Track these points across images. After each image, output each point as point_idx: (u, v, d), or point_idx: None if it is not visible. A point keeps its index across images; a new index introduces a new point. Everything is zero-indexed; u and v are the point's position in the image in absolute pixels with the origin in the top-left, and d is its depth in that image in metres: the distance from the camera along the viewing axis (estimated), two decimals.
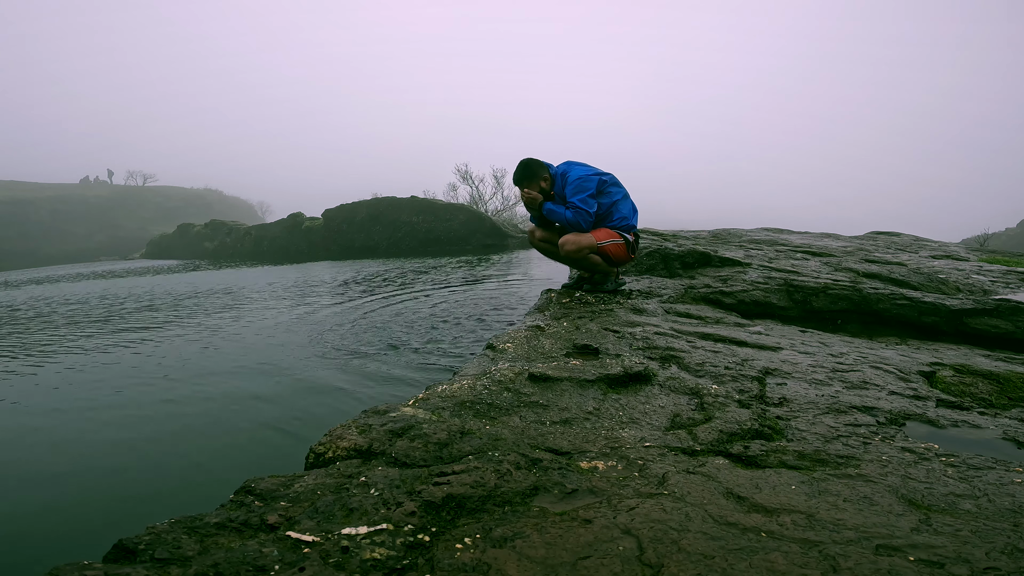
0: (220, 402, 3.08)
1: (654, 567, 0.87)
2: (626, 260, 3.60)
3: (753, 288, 3.56)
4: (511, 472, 1.18)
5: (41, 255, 30.43)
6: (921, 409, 1.71)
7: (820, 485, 1.17)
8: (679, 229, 7.35)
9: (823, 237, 6.73)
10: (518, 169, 3.53)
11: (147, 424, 2.84)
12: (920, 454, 1.36)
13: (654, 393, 1.79)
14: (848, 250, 5.32)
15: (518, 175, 3.53)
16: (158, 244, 23.61)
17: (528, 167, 3.51)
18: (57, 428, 2.87)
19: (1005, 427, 1.61)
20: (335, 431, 1.41)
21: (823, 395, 1.79)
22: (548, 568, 0.88)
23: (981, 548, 0.93)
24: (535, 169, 3.51)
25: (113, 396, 3.28)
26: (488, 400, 1.65)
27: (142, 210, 39.81)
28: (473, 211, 17.01)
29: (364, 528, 0.97)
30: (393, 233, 16.03)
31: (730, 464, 1.28)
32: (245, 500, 1.11)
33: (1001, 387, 2.00)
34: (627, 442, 1.40)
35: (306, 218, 18.13)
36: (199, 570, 0.85)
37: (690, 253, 4.48)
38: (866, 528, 1.00)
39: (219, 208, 41.93)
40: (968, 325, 2.98)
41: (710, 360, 2.12)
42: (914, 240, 6.95)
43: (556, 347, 2.28)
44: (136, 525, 0.99)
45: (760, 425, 1.52)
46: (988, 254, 6.32)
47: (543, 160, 3.57)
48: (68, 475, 2.35)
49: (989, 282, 4.13)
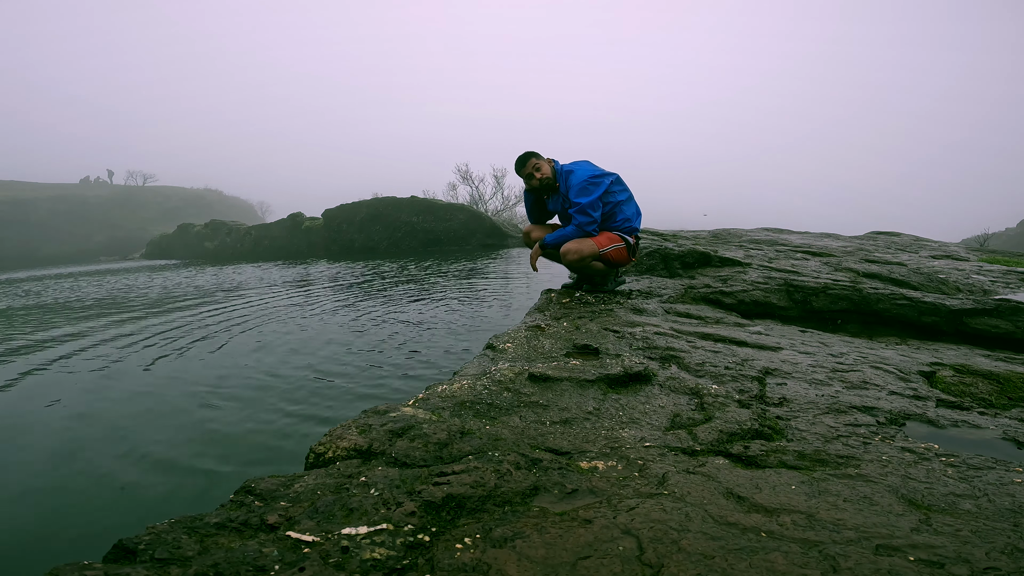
0: (220, 402, 3.08)
1: (654, 567, 0.87)
2: (626, 263, 3.60)
3: (753, 288, 3.56)
4: (511, 472, 1.18)
5: (41, 255, 30.42)
6: (921, 409, 1.71)
7: (820, 485, 1.17)
8: (679, 229, 7.35)
9: (823, 237, 6.73)
10: (524, 153, 3.49)
11: (147, 424, 2.84)
12: (920, 454, 1.36)
13: (654, 393, 1.79)
14: (848, 250, 5.32)
15: (525, 154, 3.48)
16: (158, 244, 23.60)
17: (529, 152, 3.49)
18: (56, 428, 2.87)
19: (1005, 427, 1.60)
20: (335, 431, 1.41)
21: (823, 395, 1.79)
22: (548, 568, 0.88)
23: (981, 548, 0.93)
24: (537, 154, 3.49)
25: (112, 396, 3.28)
26: (488, 400, 1.65)
27: (142, 210, 39.79)
28: (473, 211, 17.01)
29: (364, 528, 0.97)
30: (393, 233, 16.03)
31: (730, 464, 1.28)
32: (245, 500, 1.11)
33: (1001, 387, 2.00)
34: (627, 442, 1.40)
35: (306, 218, 18.14)
36: (199, 570, 0.85)
37: (690, 253, 4.48)
38: (866, 528, 1.00)
39: (219, 208, 41.91)
40: (968, 325, 2.98)
41: (710, 360, 2.12)
42: (914, 240, 6.95)
43: (556, 347, 2.28)
44: (136, 525, 0.99)
45: (760, 425, 1.52)
46: (988, 254, 6.32)
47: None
48: (68, 474, 2.35)
49: (989, 282, 4.13)
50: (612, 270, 3.62)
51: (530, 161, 3.46)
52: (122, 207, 39.32)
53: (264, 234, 18.90)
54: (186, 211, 38.78)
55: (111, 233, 35.87)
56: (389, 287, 7.36)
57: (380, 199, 17.21)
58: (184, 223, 23.45)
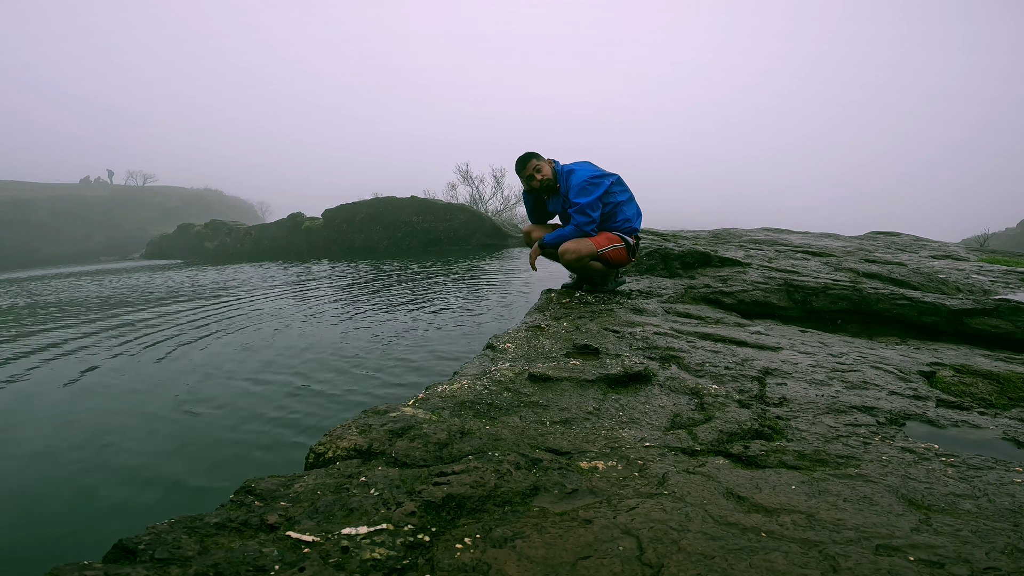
0: (220, 402, 3.08)
1: (654, 567, 0.87)
2: (626, 263, 3.60)
3: (753, 288, 3.56)
4: (511, 472, 1.18)
5: (41, 255, 30.40)
6: (921, 409, 1.71)
7: (820, 485, 1.17)
8: (679, 229, 7.35)
9: (823, 237, 6.73)
10: (524, 153, 3.49)
11: (147, 424, 2.84)
12: (920, 454, 1.36)
13: (654, 393, 1.79)
14: (848, 250, 5.32)
15: (526, 155, 3.48)
16: (158, 244, 23.58)
17: (530, 153, 3.49)
18: (55, 425, 2.88)
19: (1005, 427, 1.60)
20: (335, 431, 1.41)
21: (823, 395, 1.79)
22: (548, 568, 0.88)
23: (981, 548, 0.93)
24: (538, 155, 3.49)
25: (111, 397, 3.28)
26: (488, 400, 1.65)
27: (142, 210, 39.73)
28: (473, 211, 17.00)
29: (364, 528, 0.97)
30: (393, 233, 16.03)
31: (730, 464, 1.28)
32: (245, 500, 1.11)
33: (1001, 387, 2.00)
34: (627, 442, 1.40)
35: (306, 218, 18.13)
36: (199, 570, 0.85)
37: (690, 253, 4.48)
38: (866, 528, 1.00)
39: (219, 208, 41.87)
40: (968, 325, 2.98)
41: (710, 360, 2.12)
42: (914, 240, 6.95)
43: (556, 347, 2.28)
44: (136, 525, 0.99)
45: (760, 425, 1.52)
46: (988, 254, 6.32)
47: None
48: (68, 474, 2.35)
49: (989, 282, 4.13)
50: (612, 270, 3.62)
51: (531, 163, 3.46)
52: (122, 207, 39.28)
53: (264, 234, 18.89)
54: (186, 211, 38.75)
55: (111, 233, 35.84)
56: (389, 287, 7.36)
57: (380, 199, 17.20)
58: (184, 223, 23.43)
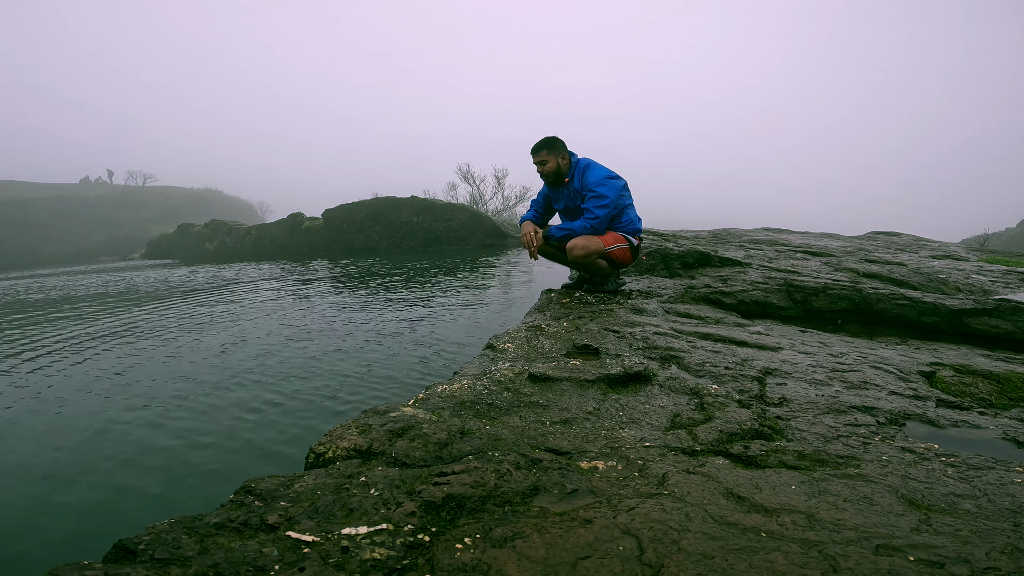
0: (220, 402, 3.08)
1: (654, 567, 0.87)
2: (629, 263, 3.60)
3: (753, 288, 3.56)
4: (511, 472, 1.18)
5: (41, 255, 30.39)
6: (921, 409, 1.71)
7: (820, 485, 1.17)
8: (679, 229, 7.35)
9: (823, 237, 6.73)
10: (542, 140, 3.42)
11: (146, 424, 2.84)
12: (920, 454, 1.36)
13: (654, 393, 1.79)
14: (848, 250, 5.32)
15: (540, 143, 3.42)
16: (158, 244, 23.56)
17: (553, 139, 3.43)
18: (53, 426, 2.88)
19: (1005, 427, 1.60)
20: (335, 431, 1.41)
21: (823, 395, 1.79)
22: (548, 568, 0.88)
23: (981, 548, 0.93)
24: (559, 145, 3.43)
25: (112, 396, 3.28)
26: (488, 400, 1.65)
27: (142, 210, 39.72)
28: (473, 211, 16.99)
29: (364, 528, 0.97)
30: (393, 233, 16.02)
31: (730, 464, 1.28)
32: (245, 500, 1.10)
33: (1001, 387, 2.00)
34: (627, 442, 1.40)
35: (306, 218, 18.12)
36: (199, 570, 0.85)
37: (690, 253, 4.48)
38: (866, 528, 1.00)
39: (219, 208, 41.84)
40: (968, 325, 2.98)
41: (710, 360, 2.12)
42: (914, 240, 6.95)
43: (556, 347, 2.28)
44: (136, 525, 0.99)
45: (760, 425, 1.52)
46: (988, 254, 6.32)
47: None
48: (68, 474, 2.35)
49: (989, 282, 4.13)
50: (613, 270, 3.61)
51: (540, 152, 3.43)
52: (122, 207, 39.27)
53: (264, 234, 18.89)
54: (186, 211, 38.71)
55: (111, 233, 35.82)
56: (389, 287, 7.36)
57: (380, 199, 17.19)
58: (184, 223, 23.41)
